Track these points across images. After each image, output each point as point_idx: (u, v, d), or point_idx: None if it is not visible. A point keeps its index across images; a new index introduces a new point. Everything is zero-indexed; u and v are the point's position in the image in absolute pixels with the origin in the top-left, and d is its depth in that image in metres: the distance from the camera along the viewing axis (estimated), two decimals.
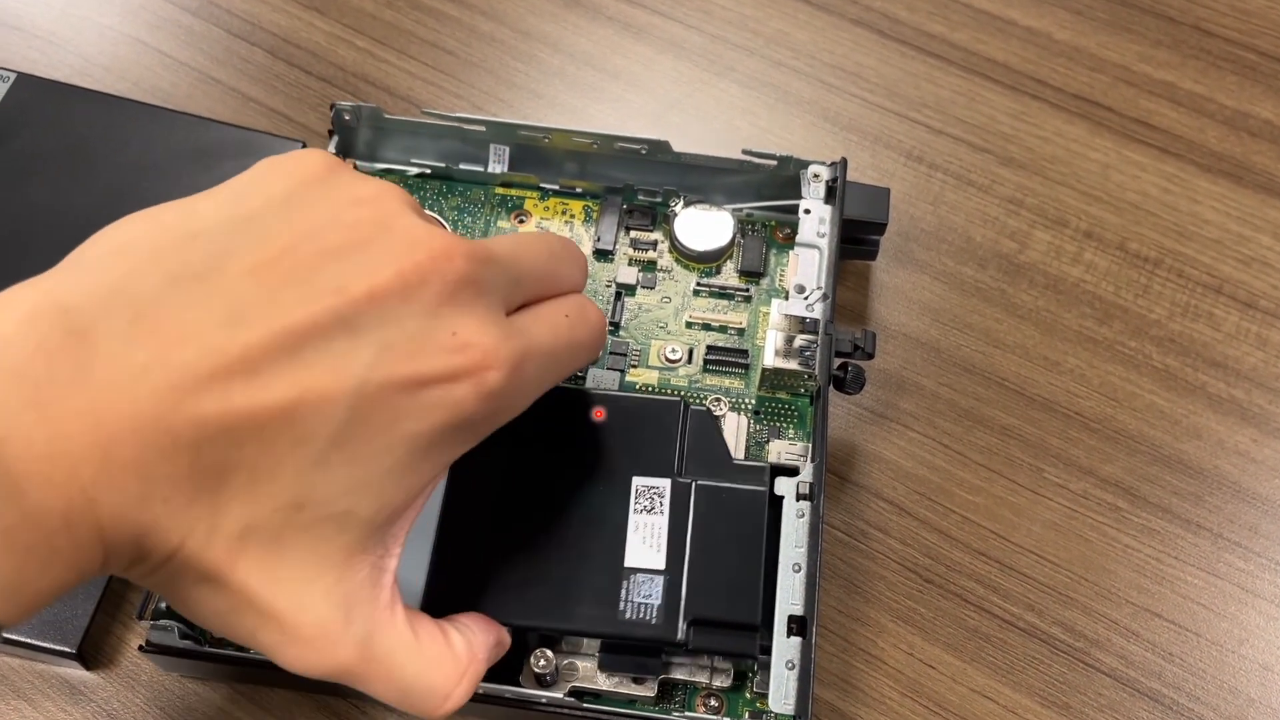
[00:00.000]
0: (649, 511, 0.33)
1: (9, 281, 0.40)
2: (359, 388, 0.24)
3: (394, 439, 0.25)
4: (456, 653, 0.29)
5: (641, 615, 0.32)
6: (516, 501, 0.34)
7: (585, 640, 0.34)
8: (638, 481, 0.33)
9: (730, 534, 0.33)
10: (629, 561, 0.32)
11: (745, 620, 0.32)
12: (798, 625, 0.33)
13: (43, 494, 0.21)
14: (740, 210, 0.44)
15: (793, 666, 0.33)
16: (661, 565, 0.32)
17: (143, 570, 0.25)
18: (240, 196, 0.26)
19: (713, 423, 0.36)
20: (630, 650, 0.33)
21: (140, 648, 0.33)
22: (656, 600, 0.32)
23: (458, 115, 0.43)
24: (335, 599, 0.26)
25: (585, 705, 0.33)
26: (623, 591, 0.32)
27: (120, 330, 0.23)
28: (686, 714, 0.33)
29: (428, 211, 0.29)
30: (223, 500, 0.24)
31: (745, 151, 0.42)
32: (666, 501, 0.33)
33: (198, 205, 0.26)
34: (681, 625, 0.32)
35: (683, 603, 0.32)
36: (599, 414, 0.35)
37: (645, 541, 0.33)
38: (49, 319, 0.23)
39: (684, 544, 0.33)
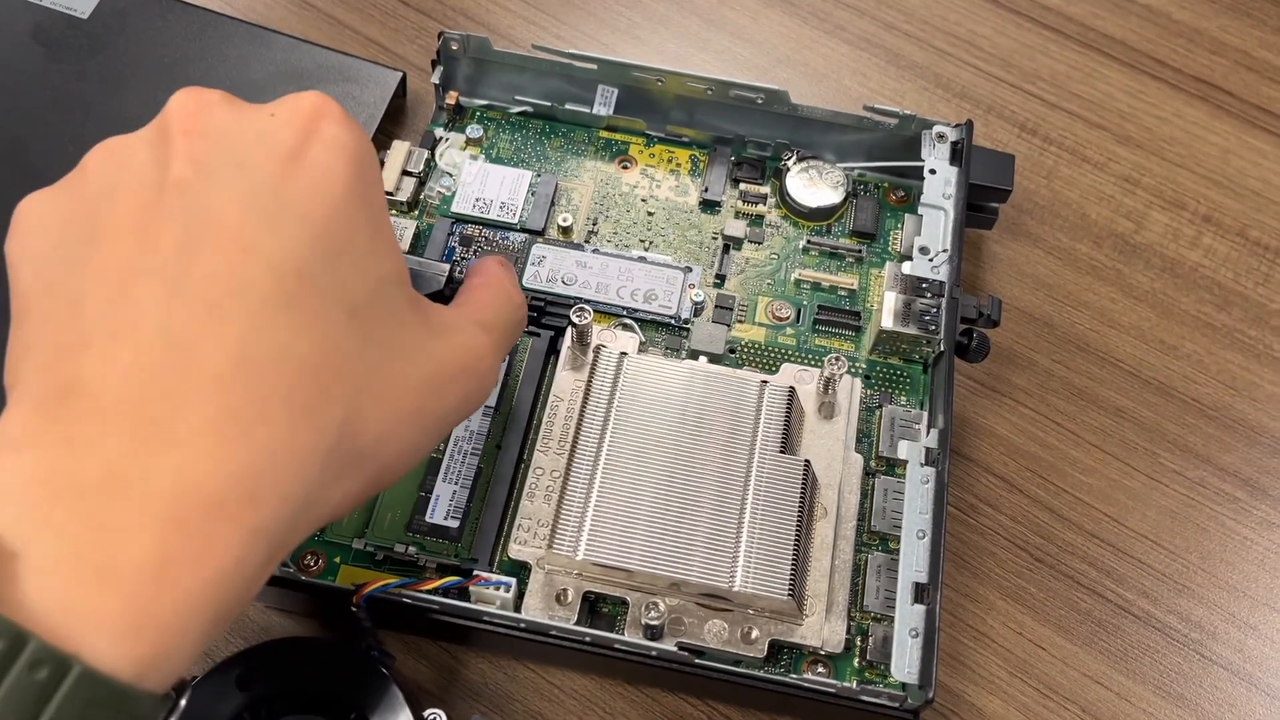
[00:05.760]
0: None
1: None
2: (262, 211, 0.24)
3: (329, 211, 0.25)
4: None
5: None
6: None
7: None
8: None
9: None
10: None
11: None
12: (922, 592, 0.32)
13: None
14: (852, 169, 0.42)
15: (916, 634, 0.31)
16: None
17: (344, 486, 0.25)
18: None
19: None
20: None
21: None
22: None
23: (569, 51, 0.42)
24: (461, 334, 0.28)
25: (696, 661, 0.31)
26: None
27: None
28: (792, 676, 0.32)
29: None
30: (321, 393, 0.24)
31: (867, 107, 0.41)
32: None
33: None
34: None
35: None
36: None
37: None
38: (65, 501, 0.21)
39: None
